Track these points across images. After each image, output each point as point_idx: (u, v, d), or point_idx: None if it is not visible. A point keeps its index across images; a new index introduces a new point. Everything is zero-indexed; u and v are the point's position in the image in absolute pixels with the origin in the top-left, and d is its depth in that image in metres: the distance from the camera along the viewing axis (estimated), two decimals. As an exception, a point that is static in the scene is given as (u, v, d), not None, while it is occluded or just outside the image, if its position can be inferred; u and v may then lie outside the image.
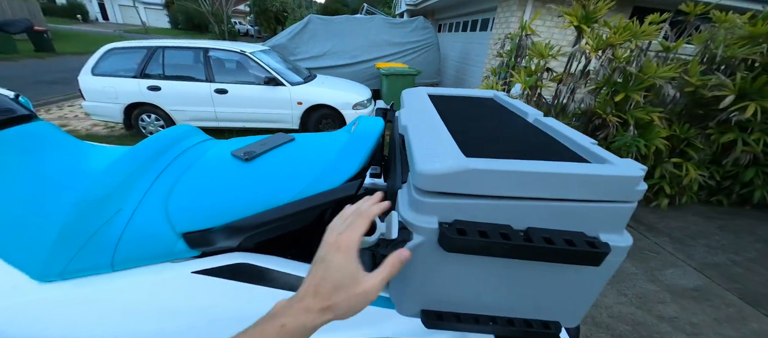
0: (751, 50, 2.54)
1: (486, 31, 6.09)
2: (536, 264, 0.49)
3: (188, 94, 3.90)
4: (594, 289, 0.54)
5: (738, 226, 2.91)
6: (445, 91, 1.01)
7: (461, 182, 0.46)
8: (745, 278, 2.25)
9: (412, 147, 0.54)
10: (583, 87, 2.77)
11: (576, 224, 0.48)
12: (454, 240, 0.45)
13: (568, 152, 0.57)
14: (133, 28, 24.43)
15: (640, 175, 0.46)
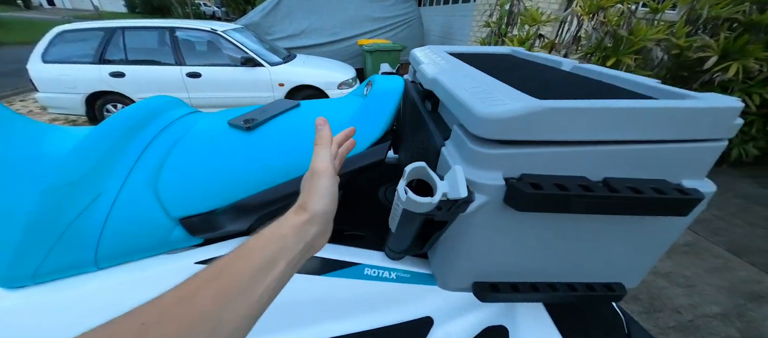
0: (733, 9, 2.57)
1: (469, 2, 5.93)
2: (612, 218, 0.43)
3: (157, 79, 3.58)
4: (665, 243, 0.48)
5: (719, 183, 3.00)
6: (461, 48, 0.91)
7: (534, 126, 0.38)
8: (729, 231, 2.37)
9: (460, 95, 0.45)
10: (575, 53, 2.73)
11: (656, 171, 0.42)
12: (528, 196, 0.37)
13: (636, 94, 0.50)
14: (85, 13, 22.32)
15: (738, 107, 0.39)
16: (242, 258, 0.27)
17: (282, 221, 0.32)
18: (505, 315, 0.58)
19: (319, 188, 0.34)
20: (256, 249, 0.28)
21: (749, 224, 2.50)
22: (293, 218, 0.32)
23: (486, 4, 4.65)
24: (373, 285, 0.60)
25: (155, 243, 0.57)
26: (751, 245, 2.23)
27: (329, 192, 0.34)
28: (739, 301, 1.78)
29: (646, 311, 1.70)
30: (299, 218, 0.32)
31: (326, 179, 0.34)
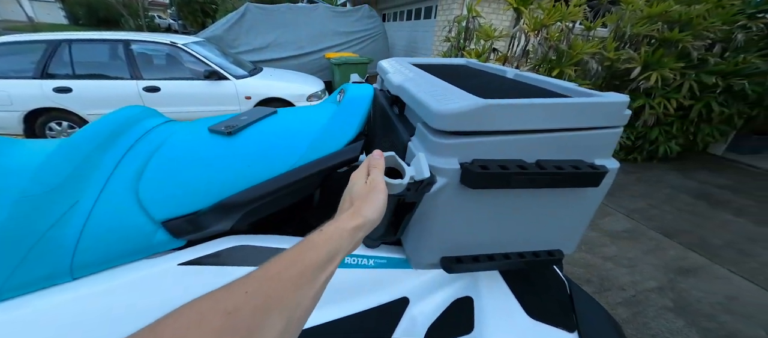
0: (650, 28, 3.03)
1: (430, 18, 6.29)
2: (544, 192, 0.53)
3: (109, 94, 3.35)
4: (588, 212, 0.60)
5: (650, 177, 3.50)
6: (422, 60, 1.02)
7: (479, 119, 0.47)
8: (660, 217, 2.73)
9: (420, 97, 0.54)
10: (525, 65, 3.03)
11: (575, 153, 0.53)
12: (477, 175, 0.46)
13: (558, 94, 0.62)
14: (17, 25, 20.09)
15: (626, 101, 0.52)
16: (312, 250, 0.31)
17: (340, 223, 0.36)
18: (470, 288, 0.66)
19: (375, 202, 0.39)
20: (321, 244, 0.32)
21: (677, 209, 2.89)
22: (350, 221, 0.36)
23: (445, 20, 4.98)
24: (353, 272, 0.66)
25: (137, 248, 0.58)
26: (678, 228, 2.58)
27: (382, 207, 0.39)
28: (671, 276, 2.05)
29: (597, 291, 1.89)
30: (355, 222, 0.36)
31: (382, 196, 0.40)
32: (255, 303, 0.24)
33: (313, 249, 0.31)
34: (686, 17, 3.00)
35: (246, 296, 0.24)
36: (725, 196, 3.19)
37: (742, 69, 3.25)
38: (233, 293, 0.24)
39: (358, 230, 0.36)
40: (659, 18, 3.00)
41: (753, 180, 3.65)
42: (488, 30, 2.98)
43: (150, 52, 3.62)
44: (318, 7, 6.60)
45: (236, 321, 0.22)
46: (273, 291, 0.25)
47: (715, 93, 3.33)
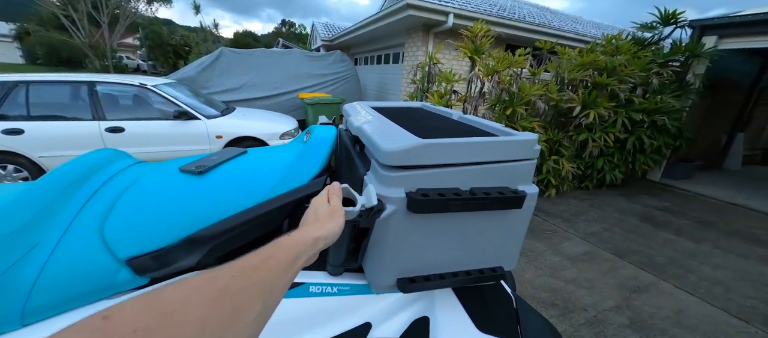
0: (583, 74, 3.53)
1: (398, 63, 6.81)
2: (479, 215, 0.63)
3: (66, 136, 3.20)
4: (520, 231, 0.70)
5: (602, 202, 3.84)
6: (381, 103, 1.15)
7: (419, 155, 0.57)
8: (613, 239, 2.97)
9: (373, 138, 0.63)
10: (482, 105, 3.36)
11: (502, 181, 0.64)
12: (419, 202, 0.55)
13: (487, 133, 0.75)
14: (-38, 64, 18.78)
15: (535, 139, 0.65)
16: (283, 249, 0.35)
17: (306, 232, 0.41)
18: (428, 308, 0.72)
19: (337, 219, 0.46)
20: (291, 246, 0.36)
21: (627, 231, 3.16)
22: (315, 232, 0.41)
23: (411, 65, 5.43)
24: (318, 301, 0.70)
25: (98, 288, 0.58)
26: (629, 248, 2.82)
27: (341, 225, 0.46)
28: (626, 294, 2.20)
29: (562, 314, 1.98)
30: (319, 233, 0.41)
31: (342, 216, 0.47)
32: (240, 285, 0.27)
33: (284, 249, 0.35)
34: (611, 65, 3.54)
35: (232, 278, 0.28)
36: (665, 217, 3.56)
37: (662, 107, 3.82)
38: (223, 274, 0.28)
39: (319, 240, 0.41)
40: (590, 65, 3.52)
41: (687, 202, 4.12)
42: (448, 75, 3.31)
43: (116, 94, 3.56)
44: (293, 52, 6.93)
45: (226, 296, 0.26)
46: (254, 277, 0.29)
47: (644, 127, 3.85)
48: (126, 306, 0.22)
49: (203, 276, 0.27)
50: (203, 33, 25.54)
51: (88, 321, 0.20)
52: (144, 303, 0.23)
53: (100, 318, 0.20)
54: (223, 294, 0.26)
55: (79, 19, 15.21)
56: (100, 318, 0.20)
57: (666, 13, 4.05)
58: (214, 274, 0.28)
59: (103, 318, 0.20)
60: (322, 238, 0.42)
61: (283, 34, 53.78)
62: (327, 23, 12.80)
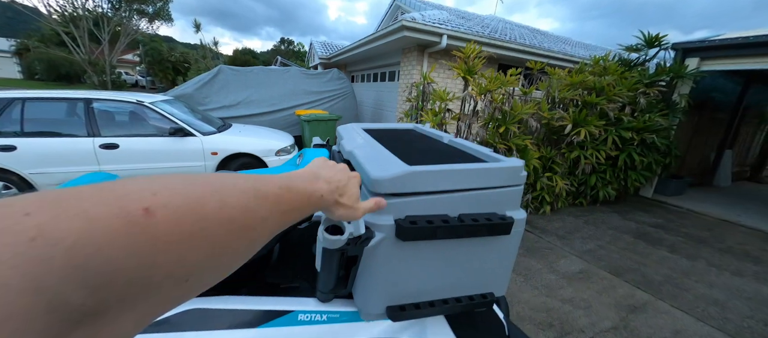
0: (573, 93, 3.63)
1: (394, 81, 6.94)
2: (468, 241, 0.63)
3: (59, 152, 3.18)
4: (509, 257, 0.70)
5: (596, 219, 3.86)
6: (374, 125, 1.17)
7: (407, 183, 0.58)
8: (608, 257, 2.96)
9: (362, 163, 0.64)
10: (476, 123, 3.42)
11: (490, 207, 0.65)
12: (408, 229, 0.56)
13: (476, 158, 0.77)
14: (-41, 79, 18.77)
15: (521, 165, 0.66)
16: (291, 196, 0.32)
17: (328, 198, 0.39)
18: (418, 335, 0.71)
19: (349, 215, 0.43)
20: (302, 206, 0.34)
21: (621, 249, 3.16)
22: (316, 197, 0.37)
23: (406, 84, 5.55)
24: (307, 329, 0.68)
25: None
26: (624, 266, 2.81)
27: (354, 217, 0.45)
28: (623, 314, 2.18)
29: (559, 335, 1.95)
30: (321, 203, 0.38)
31: (359, 216, 0.45)
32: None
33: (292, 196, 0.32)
34: (599, 85, 3.65)
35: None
36: (659, 234, 3.58)
37: (651, 126, 3.92)
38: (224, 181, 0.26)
39: (315, 206, 0.37)
40: (579, 85, 3.62)
41: (679, 219, 4.16)
42: (442, 93, 3.38)
43: (112, 110, 3.57)
44: (290, 70, 7.04)
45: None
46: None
47: (634, 145, 3.93)
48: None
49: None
50: (203, 50, 25.96)
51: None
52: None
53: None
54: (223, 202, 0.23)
55: (80, 36, 15.40)
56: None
57: (650, 37, 4.22)
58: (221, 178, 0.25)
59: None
60: (320, 204, 0.38)
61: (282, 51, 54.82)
62: (325, 42, 13.11)
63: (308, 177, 0.39)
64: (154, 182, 0.21)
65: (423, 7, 7.93)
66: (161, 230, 0.18)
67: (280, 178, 0.33)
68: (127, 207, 0.18)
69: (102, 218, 0.16)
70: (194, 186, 0.22)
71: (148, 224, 0.18)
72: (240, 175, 0.29)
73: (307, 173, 0.40)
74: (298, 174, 0.39)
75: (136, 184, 0.20)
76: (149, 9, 17.66)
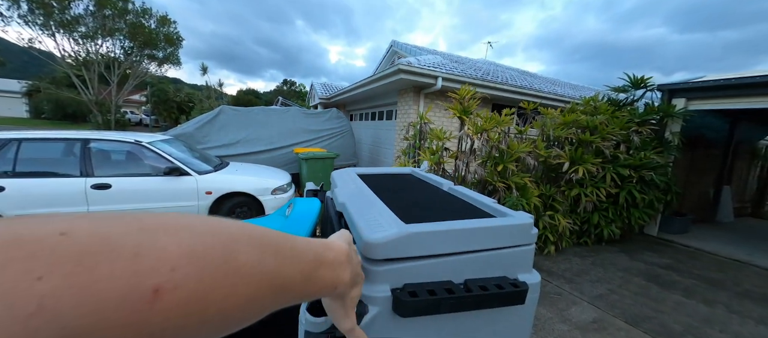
0: (567, 132, 3.68)
1: (392, 120, 7.10)
2: (478, 313, 0.55)
3: (49, 193, 3.10)
4: (526, 328, 0.61)
5: (603, 260, 3.70)
6: (370, 170, 1.13)
7: (405, 246, 0.51)
8: (622, 303, 2.78)
9: (355, 221, 0.58)
10: (474, 162, 3.41)
11: (499, 269, 0.58)
12: (408, 303, 0.48)
13: (479, 211, 0.71)
14: (-34, 119, 19.16)
15: (531, 221, 0.60)
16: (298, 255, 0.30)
17: (342, 282, 0.35)
18: None
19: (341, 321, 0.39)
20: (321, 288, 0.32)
21: (634, 294, 2.98)
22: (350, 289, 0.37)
23: (403, 123, 5.66)
24: None
25: None
26: (640, 314, 2.62)
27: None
28: (645, 371, 1.98)
29: (578, 399, 1.74)
30: (336, 290, 0.35)
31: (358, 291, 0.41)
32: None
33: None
34: (592, 124, 3.72)
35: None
36: (671, 277, 3.41)
37: (647, 163, 3.93)
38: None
39: (328, 289, 0.34)
40: (572, 124, 3.68)
41: (689, 259, 4.00)
42: (439, 133, 3.41)
43: (108, 149, 3.55)
44: (290, 110, 7.23)
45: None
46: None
47: (633, 182, 3.90)
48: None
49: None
50: (208, 91, 26.94)
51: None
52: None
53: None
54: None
55: (89, 78, 16.03)
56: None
57: (636, 78, 4.40)
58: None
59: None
60: (335, 291, 0.35)
61: (284, 92, 57.08)
62: (325, 83, 13.67)
63: (338, 261, 0.35)
64: (179, 244, 0.20)
65: (418, 53, 8.39)
66: (159, 317, 0.18)
67: (309, 258, 0.30)
68: (139, 285, 0.17)
69: (110, 300, 0.16)
70: (215, 261, 0.21)
71: (153, 310, 0.17)
72: (269, 238, 0.26)
73: (338, 254, 0.35)
74: (330, 258, 0.34)
75: (159, 245, 0.19)
76: (160, 54, 18.60)
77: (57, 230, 0.16)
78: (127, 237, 0.18)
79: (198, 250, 0.20)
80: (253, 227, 0.25)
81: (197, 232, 0.21)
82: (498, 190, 3.24)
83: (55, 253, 0.15)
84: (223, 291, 0.21)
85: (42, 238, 0.16)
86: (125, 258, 0.17)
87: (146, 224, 0.19)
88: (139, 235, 0.18)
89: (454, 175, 3.58)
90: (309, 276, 0.29)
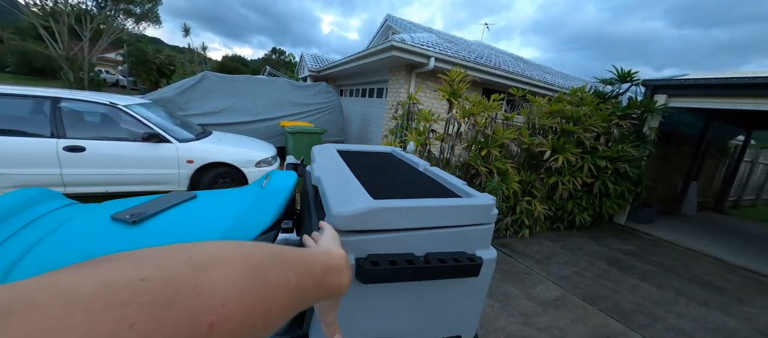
0: (552, 121, 3.76)
1: (382, 97, 7.02)
2: (435, 283, 0.60)
3: (15, 152, 2.95)
4: (479, 299, 0.67)
5: (573, 244, 3.93)
6: (351, 147, 1.14)
7: (371, 219, 0.54)
8: (583, 283, 3.00)
9: (327, 195, 0.61)
10: (459, 145, 3.46)
11: (459, 245, 0.62)
12: (369, 271, 0.52)
13: (447, 191, 0.75)
14: None
15: (492, 203, 0.65)
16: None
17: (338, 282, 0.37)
18: (379, 382, 0.65)
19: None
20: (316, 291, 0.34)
21: (596, 276, 3.21)
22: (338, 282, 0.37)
23: (393, 102, 5.61)
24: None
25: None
26: (598, 294, 2.84)
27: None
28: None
29: (534, 366, 1.91)
30: (330, 290, 0.37)
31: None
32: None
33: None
34: (576, 115, 3.81)
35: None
36: (631, 262, 3.67)
37: (623, 155, 4.10)
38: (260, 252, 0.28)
39: (326, 292, 0.36)
40: (558, 114, 3.76)
41: (650, 246, 4.30)
42: (426, 114, 3.42)
43: (81, 110, 3.38)
44: (278, 80, 6.99)
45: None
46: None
47: (608, 174, 4.08)
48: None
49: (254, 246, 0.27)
50: (190, 54, 25.51)
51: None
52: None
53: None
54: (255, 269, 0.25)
55: (58, 31, 14.80)
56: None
57: (623, 72, 4.48)
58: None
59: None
60: (331, 291, 0.37)
61: (272, 61, 54.75)
62: (315, 55, 13.19)
63: (340, 267, 0.38)
64: (226, 279, 0.22)
65: (413, 30, 8.17)
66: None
67: (317, 266, 0.34)
68: (199, 321, 0.19)
69: (179, 334, 0.18)
70: (253, 289, 0.23)
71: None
72: (288, 256, 0.30)
73: (339, 261, 0.39)
74: (333, 265, 0.37)
75: (213, 283, 0.21)
76: (137, 9, 17.28)
77: (138, 276, 0.18)
78: (185, 276, 0.20)
79: (241, 282, 0.23)
80: (275, 249, 0.29)
81: (238, 266, 0.24)
82: (480, 174, 3.33)
83: (139, 301, 0.17)
84: (260, 312, 0.24)
85: (129, 284, 0.17)
86: (189, 299, 0.19)
87: (198, 260, 0.22)
88: (196, 274, 0.21)
89: (439, 157, 3.64)
90: (319, 283, 0.33)
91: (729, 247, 4.64)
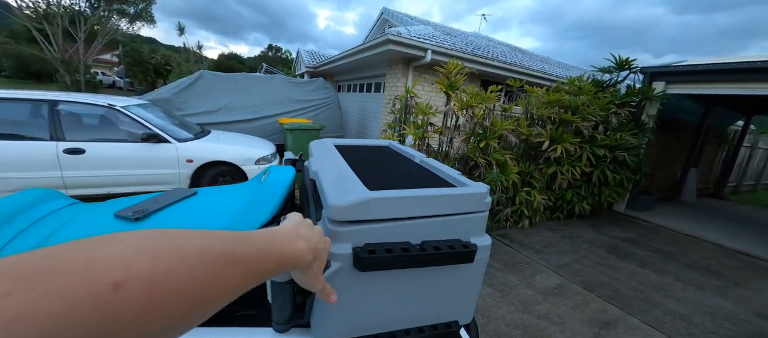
0: (550, 111, 3.76)
1: (379, 92, 7.00)
2: (430, 270, 0.62)
3: (16, 156, 2.97)
4: (474, 284, 0.69)
5: (572, 233, 3.96)
6: (348, 141, 1.15)
7: (366, 210, 0.56)
8: (582, 271, 3.03)
9: (323, 187, 0.62)
10: (458, 137, 3.47)
11: (454, 233, 0.64)
12: (366, 259, 0.53)
13: (442, 181, 0.76)
14: None
15: (485, 191, 0.66)
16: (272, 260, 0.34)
17: (303, 257, 0.39)
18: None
19: (312, 284, 0.44)
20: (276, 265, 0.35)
21: (595, 263, 3.25)
22: (292, 258, 0.38)
23: (391, 96, 5.60)
24: (262, 361, 0.64)
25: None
26: (597, 281, 2.88)
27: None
28: (596, 330, 2.22)
29: (534, 352, 1.95)
30: (296, 263, 0.39)
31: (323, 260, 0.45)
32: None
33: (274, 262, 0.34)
34: (574, 104, 3.81)
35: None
36: (630, 249, 3.71)
37: (622, 144, 4.10)
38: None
39: (289, 264, 0.37)
40: (556, 104, 3.76)
41: (649, 233, 4.33)
42: (424, 107, 3.42)
43: (79, 113, 3.38)
44: (275, 77, 6.97)
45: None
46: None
47: (607, 162, 4.10)
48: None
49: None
50: (186, 53, 25.35)
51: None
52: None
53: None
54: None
55: (53, 33, 14.68)
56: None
57: (620, 60, 4.46)
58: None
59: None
60: (295, 263, 0.38)
61: (269, 58, 54.38)
62: (312, 51, 13.11)
63: (289, 236, 0.39)
64: (126, 247, 0.22)
65: (409, 22, 8.11)
66: (126, 305, 0.20)
67: (261, 237, 0.34)
68: (98, 283, 0.19)
69: (74, 295, 0.18)
70: (165, 252, 0.24)
71: (116, 300, 0.19)
72: (218, 233, 0.30)
73: (288, 231, 0.40)
74: (280, 233, 0.38)
75: (110, 251, 0.21)
76: (130, 9, 17.12)
77: (10, 260, 0.18)
78: (74, 248, 0.20)
79: (147, 245, 0.23)
80: (202, 230, 0.29)
81: (145, 235, 0.24)
82: (479, 166, 3.34)
83: (17, 270, 0.18)
84: (181, 274, 0.24)
85: (5, 265, 0.18)
86: (79, 264, 0.19)
87: (96, 241, 0.22)
88: (89, 249, 0.21)
89: (438, 150, 3.64)
90: (266, 251, 0.33)
91: (727, 232, 4.67)
